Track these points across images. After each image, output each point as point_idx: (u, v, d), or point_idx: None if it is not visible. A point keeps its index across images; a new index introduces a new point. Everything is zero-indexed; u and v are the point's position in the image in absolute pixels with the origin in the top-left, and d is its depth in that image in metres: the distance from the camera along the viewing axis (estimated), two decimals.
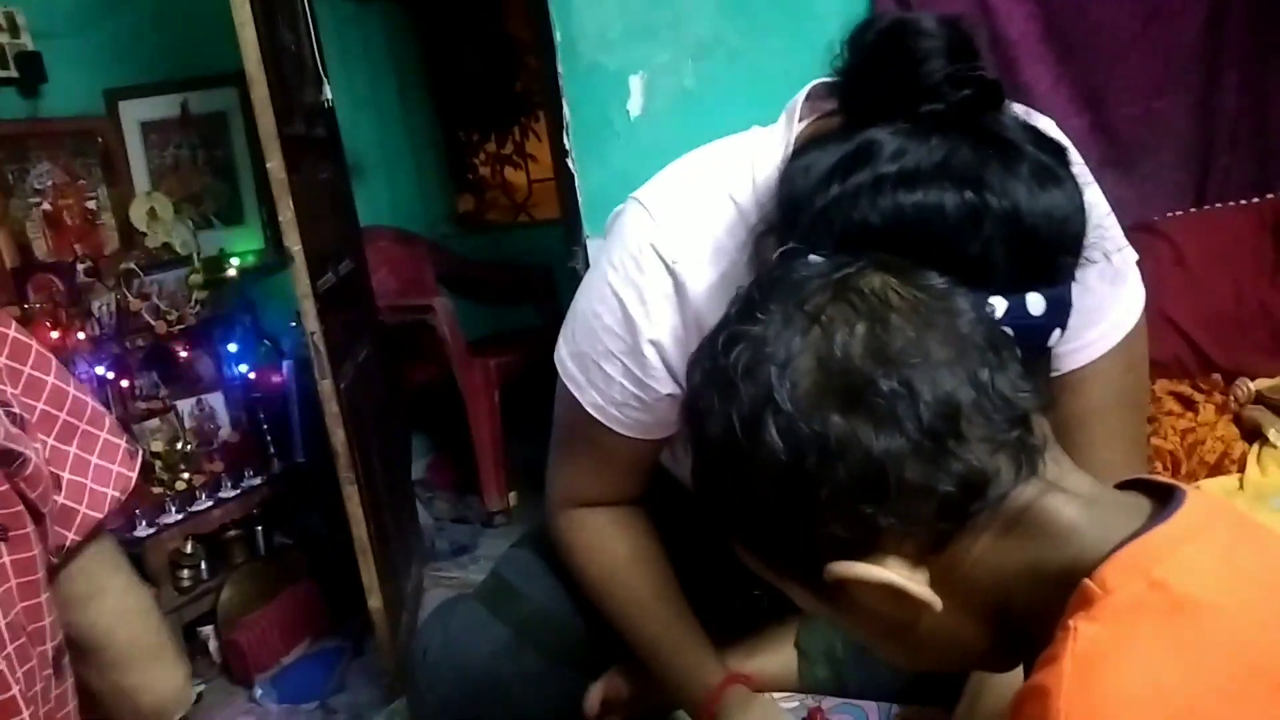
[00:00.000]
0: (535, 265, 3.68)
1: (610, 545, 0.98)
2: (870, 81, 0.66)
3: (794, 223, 0.67)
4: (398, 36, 3.90)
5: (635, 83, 2.19)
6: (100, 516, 0.70)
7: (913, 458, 0.52)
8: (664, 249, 0.86)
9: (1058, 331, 0.64)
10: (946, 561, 0.55)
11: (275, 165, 2.09)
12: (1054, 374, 0.78)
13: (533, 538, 1.12)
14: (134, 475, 0.73)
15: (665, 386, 0.89)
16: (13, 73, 2.40)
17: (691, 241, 0.85)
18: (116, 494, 0.71)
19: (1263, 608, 0.49)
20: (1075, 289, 0.65)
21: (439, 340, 3.27)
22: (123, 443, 0.73)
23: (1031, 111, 0.75)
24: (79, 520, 0.70)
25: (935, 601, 0.55)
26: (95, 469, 0.70)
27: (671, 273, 0.86)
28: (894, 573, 0.54)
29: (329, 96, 2.61)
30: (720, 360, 0.57)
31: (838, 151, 0.65)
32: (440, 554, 3.05)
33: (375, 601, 2.27)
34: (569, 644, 1.02)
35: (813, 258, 0.61)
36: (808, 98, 0.83)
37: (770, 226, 0.73)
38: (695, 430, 0.59)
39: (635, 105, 2.20)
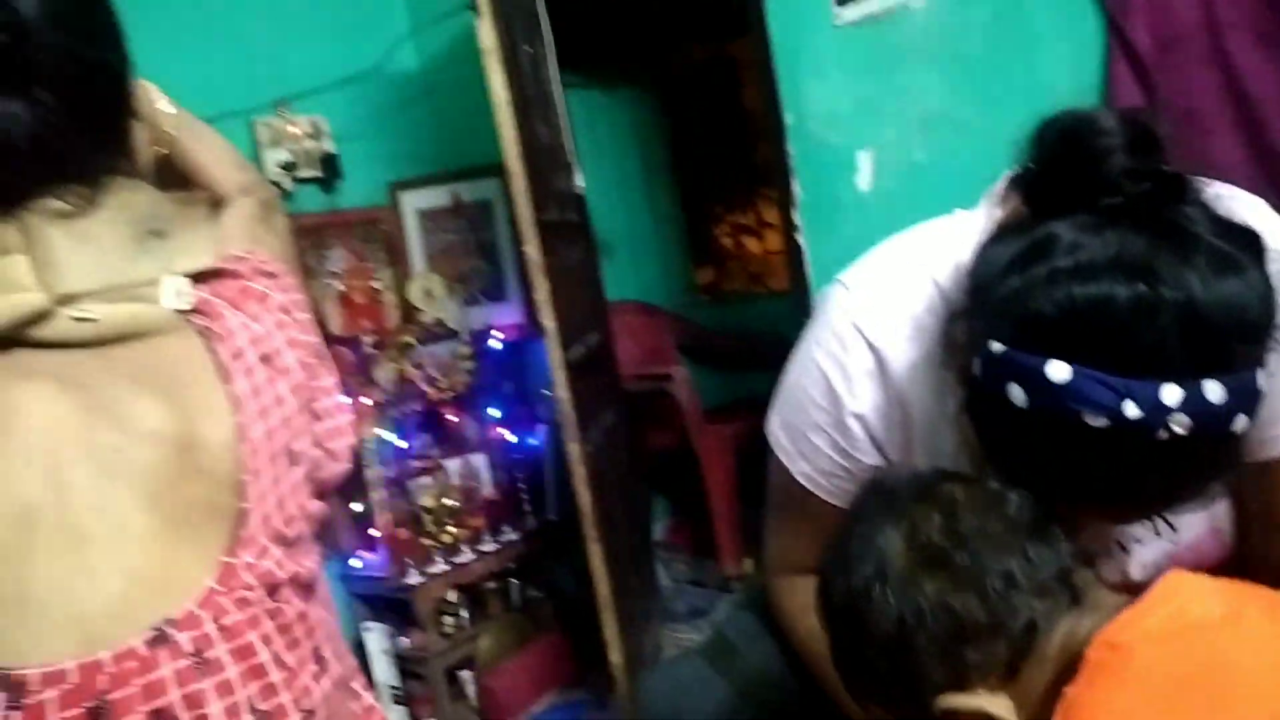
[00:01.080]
0: (770, 335, 3.76)
1: (811, 603, 1.03)
2: (1053, 176, 0.70)
3: (979, 310, 0.72)
4: (643, 120, 4.16)
5: (863, 158, 2.24)
6: (346, 467, 0.81)
7: (984, 610, 0.70)
8: (867, 328, 0.91)
9: (1242, 418, 0.64)
10: (1019, 686, 0.70)
11: (532, 249, 2.31)
12: (1248, 460, 0.76)
13: (755, 600, 1.18)
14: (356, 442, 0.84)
15: (869, 458, 0.93)
16: (317, 172, 2.79)
17: (894, 321, 0.90)
18: (354, 441, 0.82)
19: (1179, 645, 0.65)
20: (1268, 378, 0.66)
21: (678, 407, 3.41)
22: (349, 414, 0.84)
23: (1237, 194, 0.76)
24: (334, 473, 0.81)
25: (1012, 718, 0.70)
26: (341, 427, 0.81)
27: (874, 350, 0.91)
28: (983, 700, 0.70)
29: (580, 183, 2.84)
30: (840, 550, 0.77)
31: (1018, 244, 0.70)
32: (677, 615, 3.15)
33: (616, 656, 2.39)
34: (784, 704, 1.07)
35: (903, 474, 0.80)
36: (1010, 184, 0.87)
37: (959, 311, 0.77)
38: (823, 604, 0.80)
39: (864, 180, 2.26)
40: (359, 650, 2.57)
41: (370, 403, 2.67)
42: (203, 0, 2.66)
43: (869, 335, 0.91)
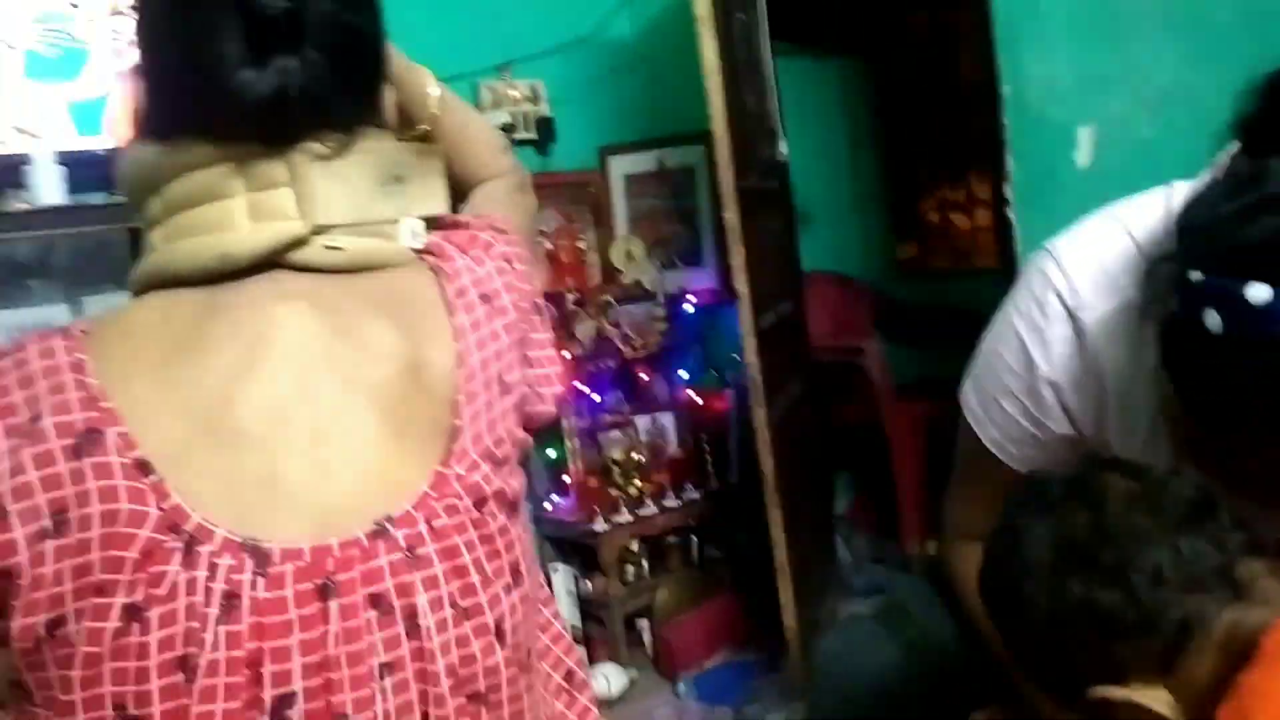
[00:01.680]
0: (971, 313, 3.64)
1: None
2: (1269, 117, 0.69)
3: (1183, 245, 0.71)
4: (852, 90, 4.10)
5: (1084, 134, 2.14)
6: (553, 410, 0.88)
7: (1131, 607, 0.70)
8: (1068, 297, 0.91)
9: None
10: (1178, 678, 0.70)
11: (731, 215, 2.35)
12: None
13: (932, 569, 1.19)
14: (564, 391, 0.91)
15: (1060, 427, 0.93)
16: (533, 135, 2.92)
17: (1095, 291, 0.89)
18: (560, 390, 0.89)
19: None
20: None
21: (869, 382, 3.38)
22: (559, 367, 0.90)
23: None
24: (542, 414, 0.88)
25: (1169, 713, 0.70)
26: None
27: (1073, 319, 0.90)
28: (1137, 693, 0.71)
29: (784, 152, 2.85)
30: (995, 549, 0.80)
31: (1229, 181, 0.69)
32: (855, 590, 3.14)
33: (790, 620, 2.43)
34: (953, 669, 1.08)
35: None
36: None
37: (1162, 256, 0.76)
38: (982, 592, 0.82)
39: (1083, 157, 2.16)
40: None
41: (569, 356, 2.79)
42: None
43: (1069, 304, 0.91)
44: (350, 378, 0.70)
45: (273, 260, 0.70)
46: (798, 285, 3.10)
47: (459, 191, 0.97)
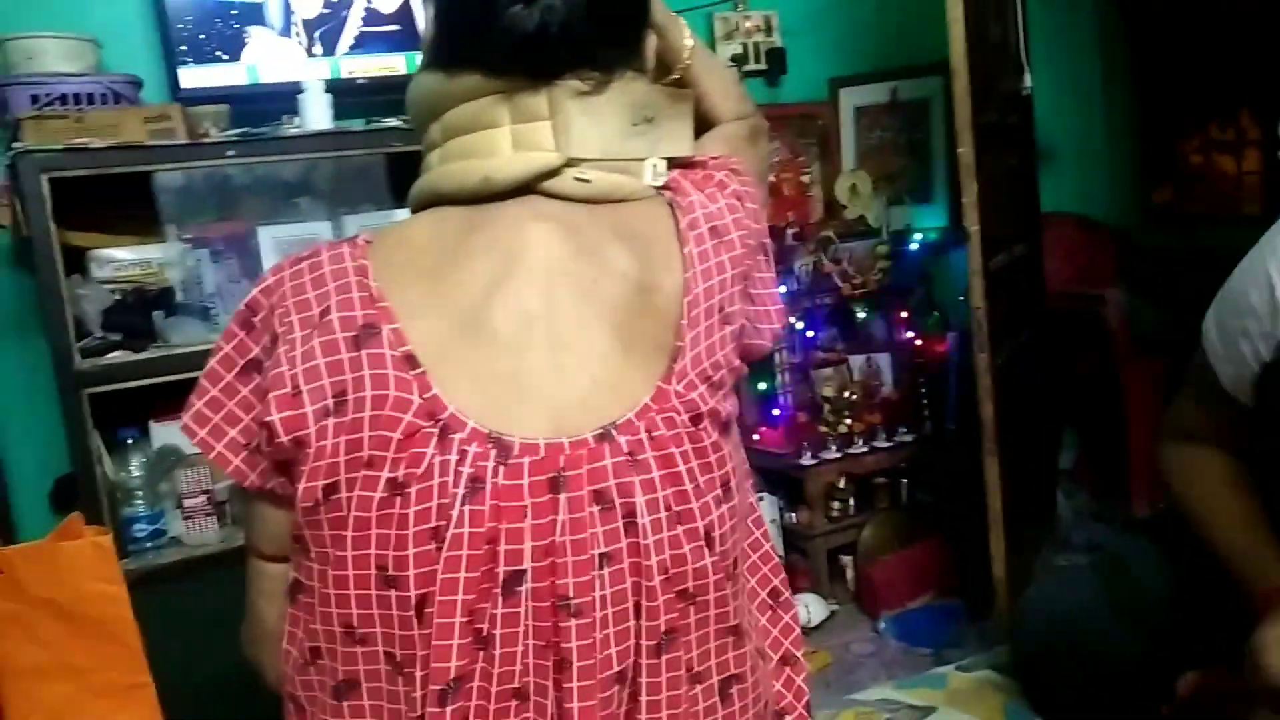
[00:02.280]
0: (1227, 263, 3.34)
1: (1208, 467, 1.07)
2: None
3: None
4: (1108, 17, 3.78)
5: None
6: (769, 345, 0.92)
7: None
8: None
9: None
10: None
11: (966, 151, 2.26)
12: None
13: (1148, 524, 1.15)
14: (782, 330, 0.94)
15: None
16: (762, 65, 2.90)
17: None
18: (779, 328, 0.92)
19: None
20: None
21: (1107, 333, 3.18)
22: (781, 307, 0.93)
23: None
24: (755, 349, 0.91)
25: None
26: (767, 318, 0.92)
27: None
28: None
29: (1028, 85, 2.69)
30: None
31: None
32: (1073, 546, 3.01)
33: (999, 570, 2.36)
34: (1166, 629, 1.05)
35: None
36: None
37: None
38: None
39: None
40: None
41: (786, 290, 2.79)
42: None
43: None
44: (589, 293, 0.77)
45: (529, 186, 0.78)
46: (1035, 227, 2.95)
47: (700, 133, 1.02)
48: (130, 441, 2.01)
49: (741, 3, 2.86)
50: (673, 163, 0.85)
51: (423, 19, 0.85)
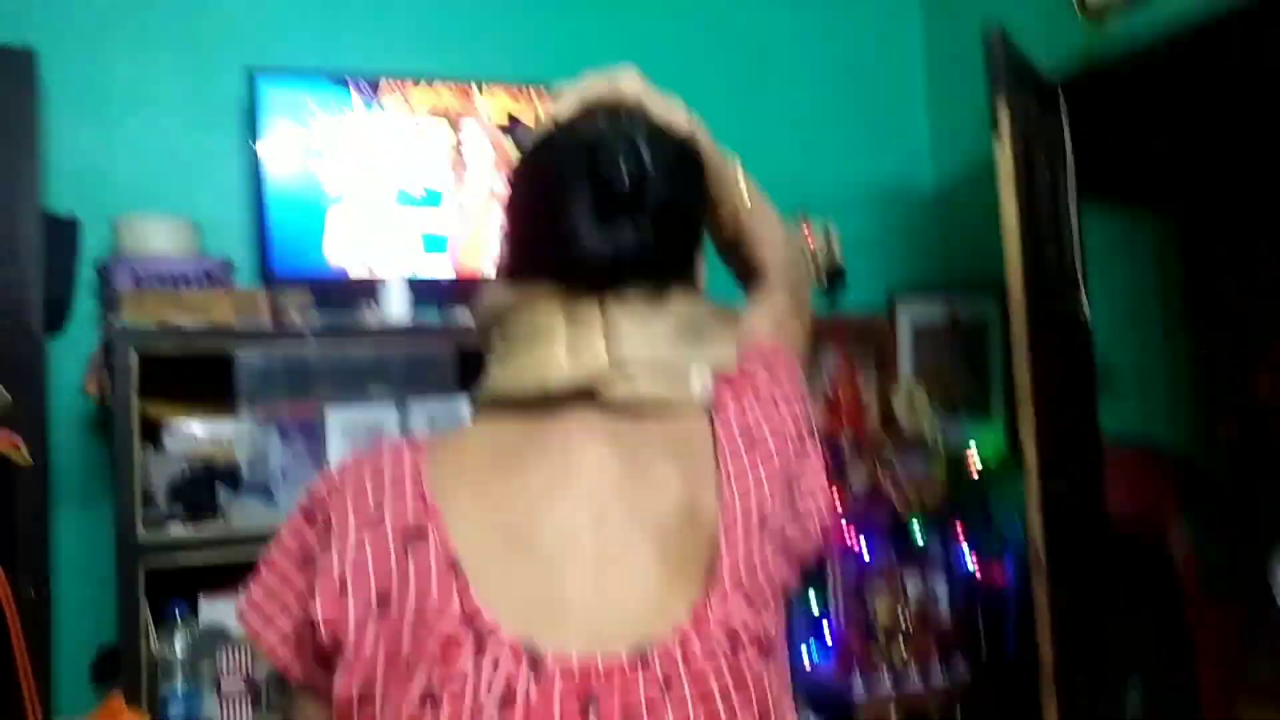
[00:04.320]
0: None
1: None
2: None
3: None
4: (1166, 246, 3.85)
5: None
6: (817, 545, 0.89)
7: None
8: None
9: None
10: None
11: (1022, 376, 2.27)
12: None
13: None
14: (829, 522, 0.91)
15: None
16: (823, 277, 2.99)
17: None
18: (826, 515, 0.90)
19: None
20: None
21: (1172, 571, 3.07)
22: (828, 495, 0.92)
23: None
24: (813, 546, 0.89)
25: None
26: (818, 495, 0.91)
27: None
28: None
29: (1086, 310, 2.73)
30: None
31: None
32: None
33: None
34: None
35: None
36: None
37: None
38: None
39: None
40: None
41: (839, 504, 2.77)
42: (736, 112, 3.02)
43: None
44: (635, 511, 0.78)
45: (582, 394, 0.80)
46: (1095, 453, 2.91)
47: (741, 274, 1.08)
48: (178, 616, 2.01)
49: (803, 213, 2.98)
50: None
51: (499, 240, 0.90)
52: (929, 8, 3.32)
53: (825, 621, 2.73)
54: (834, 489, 2.70)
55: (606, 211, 0.80)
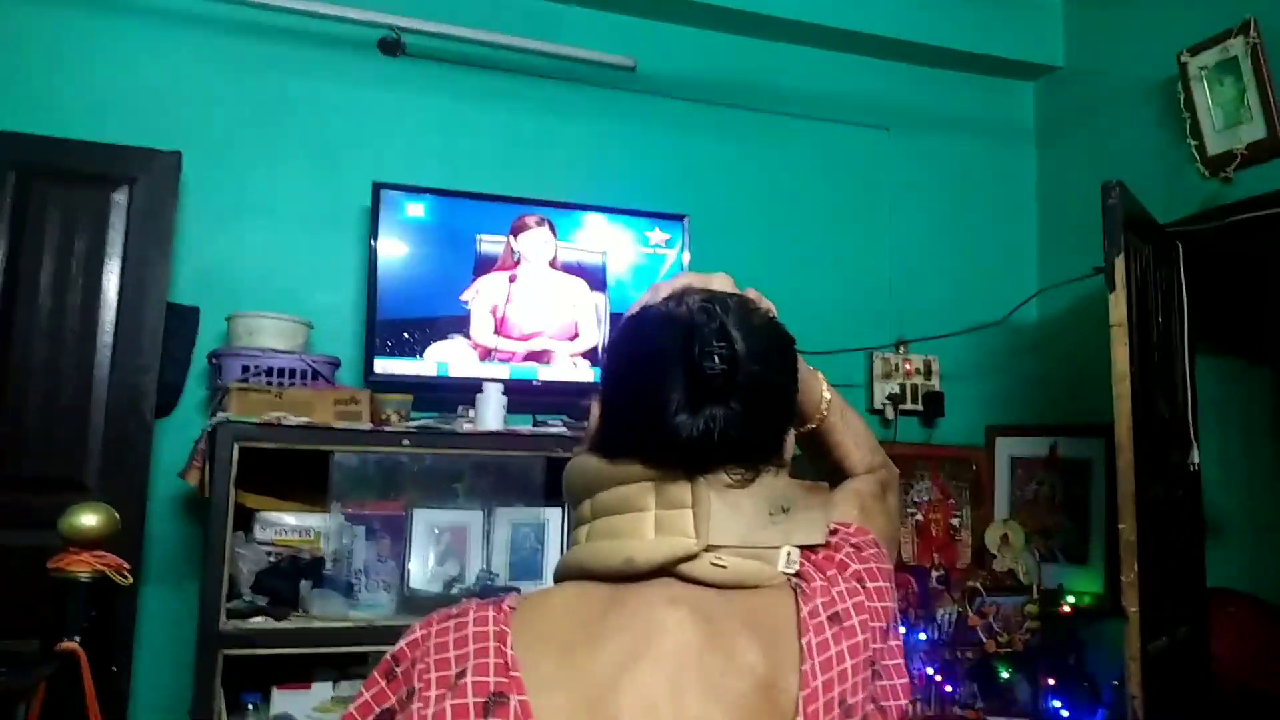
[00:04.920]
0: None
1: None
2: None
3: None
4: (1276, 397, 3.70)
5: None
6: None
7: None
8: None
9: None
10: None
11: (1127, 528, 2.18)
12: None
13: None
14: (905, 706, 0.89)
15: None
16: (919, 407, 2.94)
17: None
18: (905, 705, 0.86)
19: None
20: None
21: None
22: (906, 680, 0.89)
23: None
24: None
25: None
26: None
27: None
28: None
29: (1196, 461, 2.62)
30: None
31: None
32: None
33: None
34: None
35: None
36: None
37: None
38: None
39: None
40: None
41: (923, 637, 2.67)
42: (851, 240, 3.02)
43: None
44: (714, 686, 0.76)
45: (667, 569, 0.80)
46: (1202, 608, 2.76)
47: (831, 481, 1.05)
48: (251, 706, 2.03)
49: (903, 345, 2.95)
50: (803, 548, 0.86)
51: (592, 410, 0.91)
52: (1044, 151, 3.29)
53: None
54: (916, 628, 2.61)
55: (700, 395, 0.80)
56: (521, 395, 2.42)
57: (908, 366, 2.93)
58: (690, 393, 0.80)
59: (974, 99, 3.23)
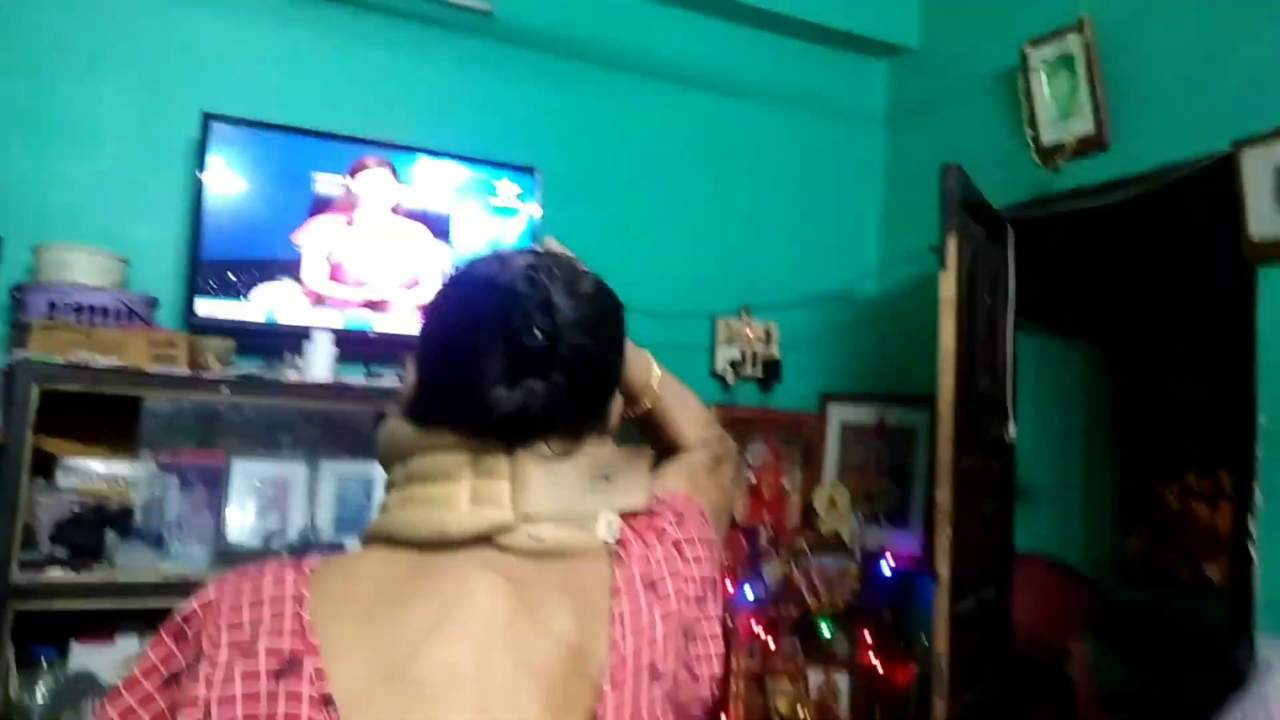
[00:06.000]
0: (1194, 633, 3.32)
1: None
2: None
3: None
4: (1096, 372, 3.96)
5: None
6: (706, 694, 0.87)
7: None
8: None
9: None
10: None
11: (943, 495, 2.29)
12: None
13: None
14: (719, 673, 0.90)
15: None
16: (758, 373, 3.00)
17: None
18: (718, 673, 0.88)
19: None
20: None
21: (1072, 689, 3.11)
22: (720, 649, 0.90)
23: None
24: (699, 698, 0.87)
25: None
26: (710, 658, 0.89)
27: None
28: None
29: (1012, 434, 2.77)
30: None
31: None
32: None
33: None
34: None
35: None
36: None
37: None
38: None
39: None
40: None
41: (750, 596, 2.75)
42: (690, 213, 3.03)
43: None
44: (523, 653, 0.75)
45: (484, 538, 0.78)
46: (1006, 571, 2.94)
47: (660, 452, 1.06)
48: (45, 661, 1.91)
49: (747, 312, 3.00)
50: (625, 515, 0.86)
51: (407, 372, 0.87)
52: (893, 131, 3.38)
53: (724, 710, 2.70)
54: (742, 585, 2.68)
55: (520, 368, 0.78)
56: (355, 346, 2.33)
57: (749, 333, 2.98)
58: (509, 365, 0.78)
59: (828, 73, 3.28)
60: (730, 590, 2.70)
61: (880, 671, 2.87)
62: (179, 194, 2.36)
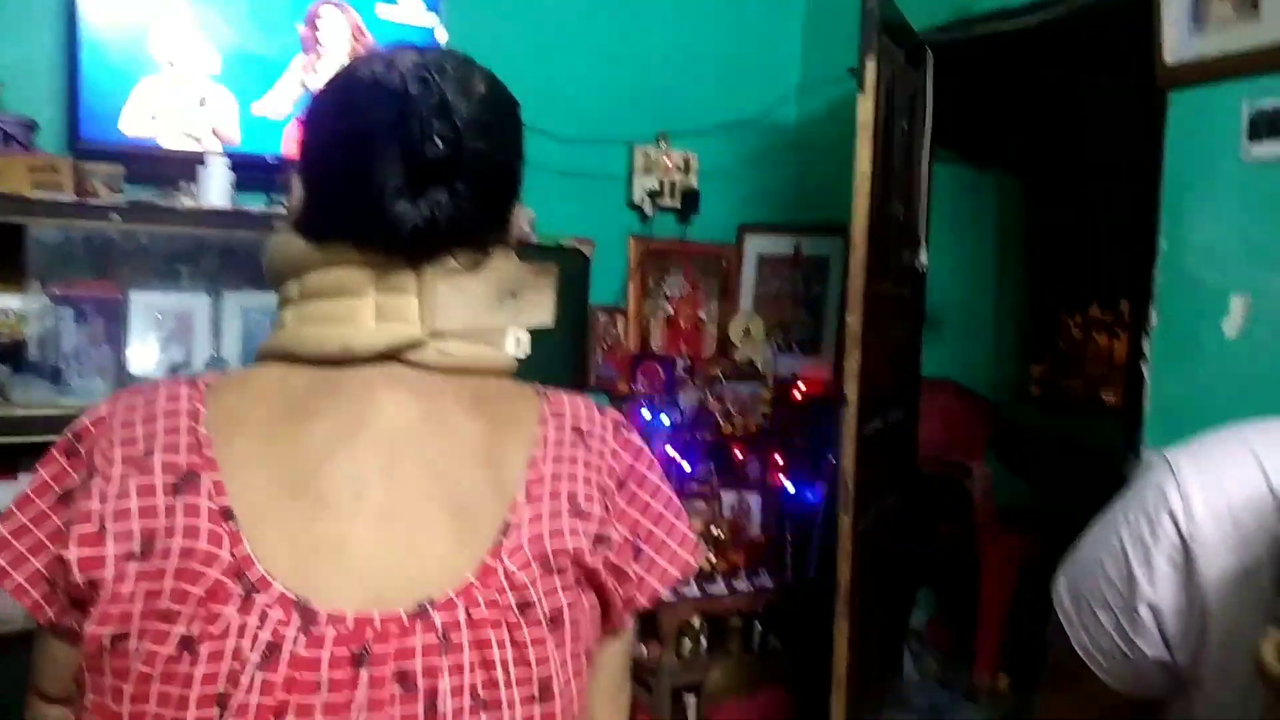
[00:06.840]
0: (1090, 451, 3.51)
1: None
2: None
3: None
4: (1009, 203, 4.02)
5: (1237, 302, 2.06)
6: (662, 591, 0.88)
7: None
8: (1182, 521, 0.84)
9: None
10: None
11: (854, 320, 2.34)
12: None
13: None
14: (694, 564, 0.90)
15: (1154, 651, 0.87)
16: (676, 204, 2.97)
17: (1215, 522, 0.82)
18: (677, 574, 0.88)
19: None
20: None
21: (971, 504, 3.28)
22: (692, 536, 0.90)
23: None
24: (647, 591, 0.89)
25: None
26: (668, 550, 0.89)
27: (1186, 545, 0.84)
28: None
29: (924, 261, 2.81)
30: None
31: None
32: (914, 708, 3.05)
33: None
34: None
35: None
36: None
37: None
38: None
39: (1232, 326, 2.08)
40: None
41: (666, 421, 2.82)
42: (604, 33, 2.91)
43: (1184, 530, 0.84)
44: (431, 464, 0.75)
45: (392, 355, 0.76)
46: (913, 394, 3.05)
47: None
48: None
49: (665, 140, 2.94)
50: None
51: (293, 186, 0.82)
52: None
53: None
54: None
55: (421, 179, 0.74)
56: (255, 172, 2.23)
57: (667, 162, 2.93)
58: (409, 176, 0.74)
59: None
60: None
61: (791, 491, 2.99)
62: (54, 6, 2.18)
